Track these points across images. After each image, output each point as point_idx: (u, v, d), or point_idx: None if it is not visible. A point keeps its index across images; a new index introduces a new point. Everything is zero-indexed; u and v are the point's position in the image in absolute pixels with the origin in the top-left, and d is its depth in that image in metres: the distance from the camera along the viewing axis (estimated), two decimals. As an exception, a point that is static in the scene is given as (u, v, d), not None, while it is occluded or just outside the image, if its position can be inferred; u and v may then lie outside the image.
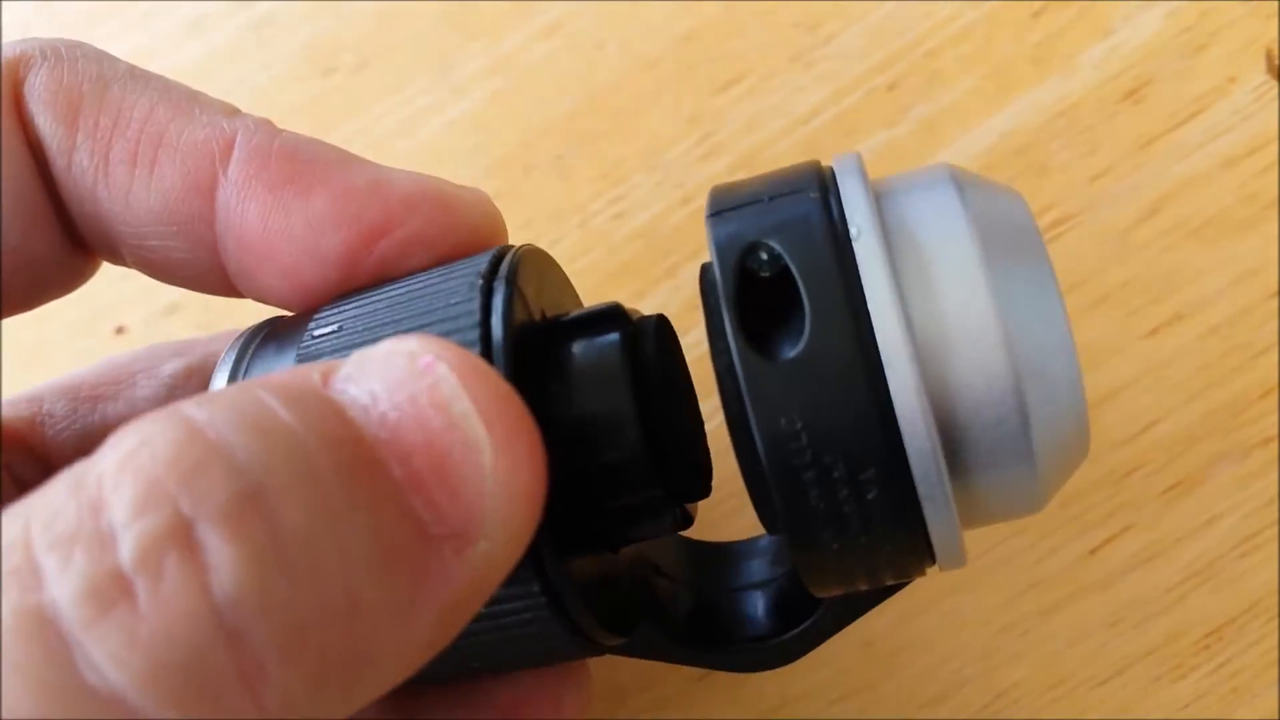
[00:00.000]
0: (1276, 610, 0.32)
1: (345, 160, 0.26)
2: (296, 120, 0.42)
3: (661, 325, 0.25)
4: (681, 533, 0.26)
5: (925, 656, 0.33)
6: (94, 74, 0.26)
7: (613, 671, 0.34)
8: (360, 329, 0.23)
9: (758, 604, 0.28)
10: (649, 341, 0.24)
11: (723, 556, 0.29)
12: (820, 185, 0.22)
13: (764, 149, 0.38)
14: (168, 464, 0.15)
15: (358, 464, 0.16)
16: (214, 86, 0.42)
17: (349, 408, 0.17)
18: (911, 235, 0.21)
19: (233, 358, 0.25)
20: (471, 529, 0.17)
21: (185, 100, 0.26)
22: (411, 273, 0.25)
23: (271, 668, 0.15)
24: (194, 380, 0.30)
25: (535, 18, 0.41)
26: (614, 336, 0.24)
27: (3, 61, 0.25)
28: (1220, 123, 0.36)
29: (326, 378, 0.17)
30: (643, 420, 0.23)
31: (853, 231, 0.21)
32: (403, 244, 0.25)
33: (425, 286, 0.24)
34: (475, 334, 0.22)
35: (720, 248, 0.21)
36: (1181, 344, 0.34)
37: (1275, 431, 0.33)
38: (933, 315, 0.20)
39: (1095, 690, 0.32)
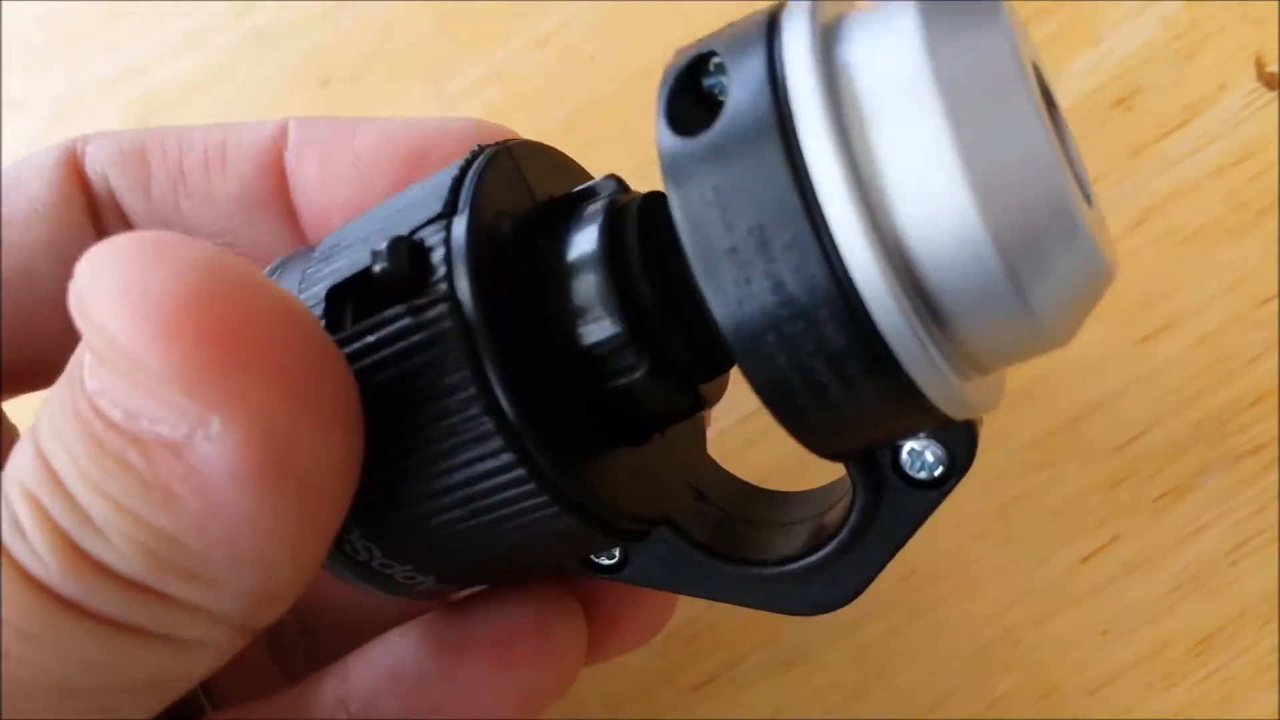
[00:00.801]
0: (1267, 618, 0.32)
1: (381, 119, 0.28)
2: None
3: (649, 204, 0.23)
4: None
5: (917, 666, 0.33)
6: (149, 131, 0.29)
7: (607, 683, 0.34)
8: (345, 243, 0.23)
9: (797, 535, 0.25)
10: (631, 221, 0.23)
11: (773, 498, 0.27)
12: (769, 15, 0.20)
13: (756, 159, 0.38)
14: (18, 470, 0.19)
15: (92, 429, 0.18)
16: (210, 98, 0.43)
17: (84, 368, 0.18)
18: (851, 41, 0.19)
19: None
20: (187, 419, 0.17)
21: (236, 124, 0.29)
22: None
23: (174, 592, 0.19)
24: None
25: (529, 29, 0.41)
26: (592, 228, 0.22)
27: (62, 145, 0.29)
28: (1210, 130, 0.36)
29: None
30: (624, 301, 0.21)
31: (821, 200, 0.18)
32: (441, 163, 0.25)
33: (416, 187, 0.23)
34: (440, 228, 0.21)
35: (669, 65, 0.21)
36: (1171, 352, 0.34)
37: (1265, 440, 0.33)
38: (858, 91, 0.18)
39: (1087, 699, 0.32)
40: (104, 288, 0.17)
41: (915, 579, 0.34)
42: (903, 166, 0.17)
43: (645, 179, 0.38)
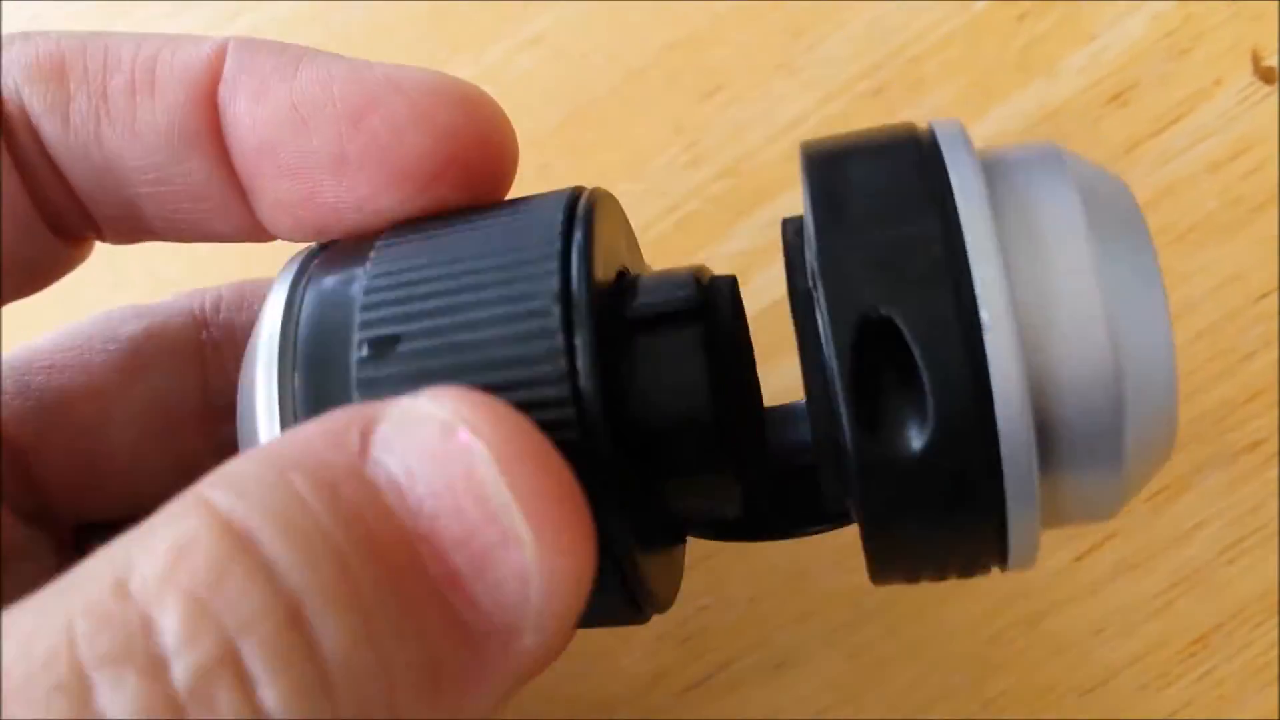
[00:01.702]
0: (1263, 617, 0.32)
1: (331, 54, 0.25)
2: (284, 133, 0.42)
3: (734, 289, 0.23)
4: None
5: (911, 666, 0.33)
6: (70, 37, 0.25)
7: (597, 685, 0.34)
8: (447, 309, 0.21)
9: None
10: (726, 307, 0.23)
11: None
12: (937, 206, 0.19)
13: (749, 157, 0.38)
14: (210, 584, 0.14)
15: (397, 568, 0.15)
16: (202, 101, 0.43)
17: (386, 492, 0.16)
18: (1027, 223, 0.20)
19: (286, 287, 0.23)
20: (517, 626, 0.16)
21: (172, 36, 0.26)
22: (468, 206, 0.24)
23: None
24: (154, 341, 0.29)
25: (520, 28, 0.41)
26: (694, 327, 0.22)
27: None
28: (1205, 126, 0.36)
29: (365, 441, 0.16)
30: (716, 401, 0.21)
31: (984, 319, 0.18)
32: (389, 122, 0.24)
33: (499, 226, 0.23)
34: (556, 316, 0.20)
35: (835, 320, 0.19)
36: (1166, 349, 0.34)
37: (1261, 436, 0.33)
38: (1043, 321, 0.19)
39: (1082, 699, 0.32)
40: (521, 449, 0.16)
41: (908, 579, 0.33)
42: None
43: (638, 177, 0.39)
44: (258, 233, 0.27)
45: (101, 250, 0.29)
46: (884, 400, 0.19)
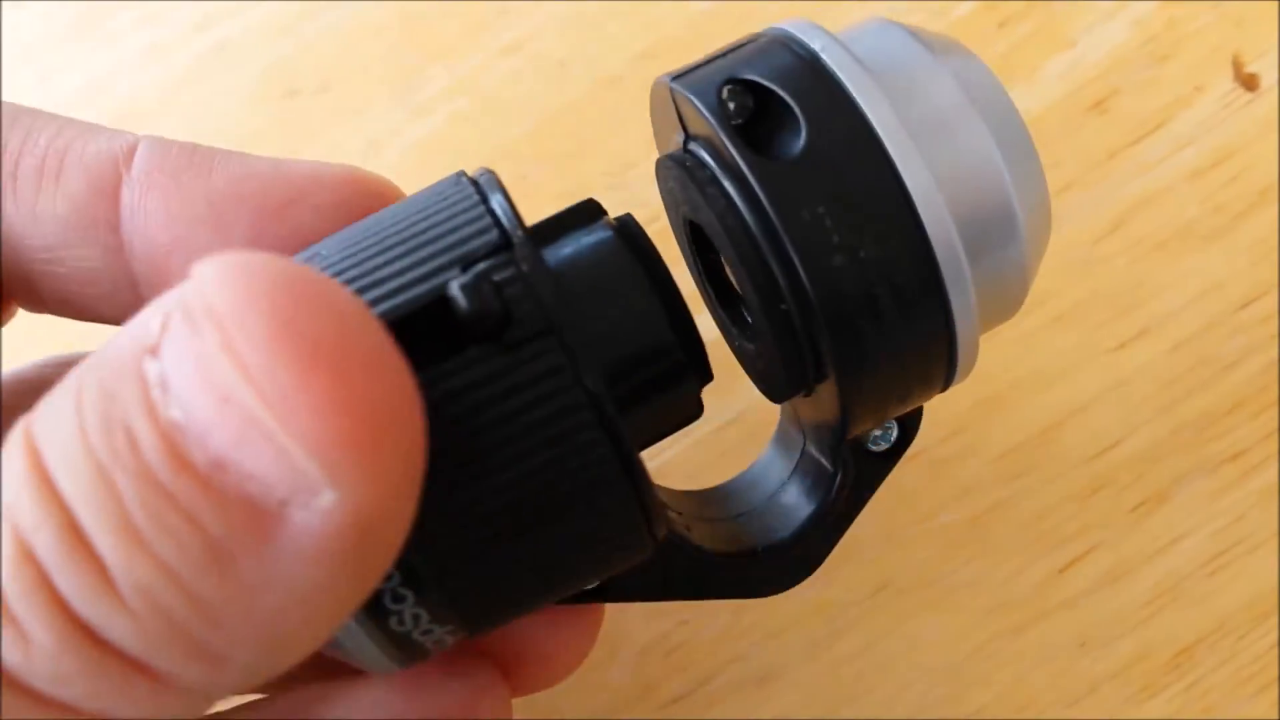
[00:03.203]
0: (1247, 628, 0.32)
1: (244, 154, 0.26)
2: (259, 143, 0.41)
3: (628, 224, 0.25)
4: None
5: (892, 681, 0.33)
6: (6, 107, 0.26)
7: (580, 700, 0.34)
8: (367, 269, 0.21)
9: (755, 524, 0.27)
10: (636, 226, 0.24)
11: (707, 497, 0.29)
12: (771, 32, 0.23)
13: (728, 166, 0.38)
14: (12, 500, 0.16)
15: (154, 466, 0.16)
16: (176, 109, 0.42)
17: (152, 388, 0.16)
18: (875, 55, 0.22)
19: None
20: (299, 483, 0.16)
21: (92, 126, 0.26)
22: None
23: (177, 673, 0.16)
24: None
25: (497, 37, 0.41)
26: (607, 233, 0.24)
27: None
28: (1186, 133, 0.36)
29: (159, 338, 0.16)
30: (658, 293, 0.23)
31: (816, 47, 0.22)
32: (313, 213, 0.25)
33: (405, 207, 0.22)
34: (493, 234, 0.20)
35: (697, 89, 0.22)
36: (1147, 359, 0.34)
37: (1243, 446, 0.33)
38: (911, 110, 0.22)
39: (1065, 711, 0.32)
40: (256, 314, 0.16)
41: (889, 592, 0.33)
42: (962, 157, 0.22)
43: (615, 186, 0.38)
44: None
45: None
46: (760, 130, 0.22)
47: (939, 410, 0.34)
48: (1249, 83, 0.36)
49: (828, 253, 0.21)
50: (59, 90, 0.43)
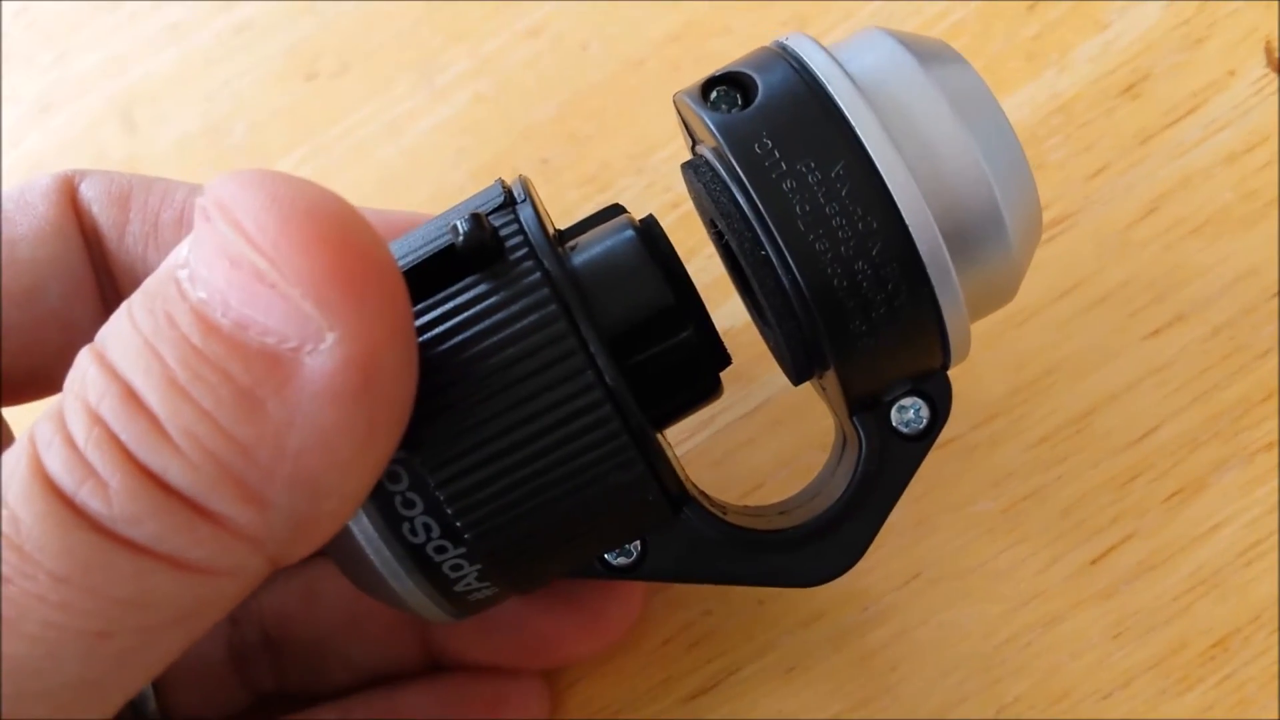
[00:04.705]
0: (1283, 618, 0.31)
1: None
2: (279, 125, 0.41)
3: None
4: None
5: (925, 671, 0.32)
6: (139, 177, 0.30)
7: (604, 691, 0.33)
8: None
9: (796, 516, 0.27)
10: (656, 227, 0.26)
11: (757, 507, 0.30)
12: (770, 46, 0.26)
13: (754, 150, 0.37)
14: (79, 380, 0.20)
15: (189, 334, 0.19)
16: (195, 91, 0.42)
17: (180, 282, 0.20)
18: (866, 68, 0.24)
19: None
20: (302, 338, 0.19)
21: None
22: None
23: (229, 514, 0.19)
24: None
25: (519, 19, 0.40)
26: (629, 231, 0.26)
27: (61, 174, 0.30)
28: (1220, 117, 0.35)
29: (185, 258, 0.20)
30: (668, 277, 0.25)
31: (808, 59, 0.24)
32: None
33: (444, 215, 0.26)
34: (500, 198, 0.24)
35: (690, 92, 0.25)
36: (1183, 345, 0.33)
37: (1278, 435, 0.32)
38: (896, 119, 0.23)
39: (1100, 704, 0.31)
40: (252, 196, 0.19)
41: (921, 581, 0.33)
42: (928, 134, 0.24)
43: (639, 170, 0.38)
44: None
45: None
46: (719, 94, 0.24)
47: (972, 396, 0.33)
48: (1281, 67, 0.36)
49: (813, 238, 0.23)
50: (76, 71, 0.43)
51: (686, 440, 0.35)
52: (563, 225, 0.28)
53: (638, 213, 0.27)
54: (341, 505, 0.21)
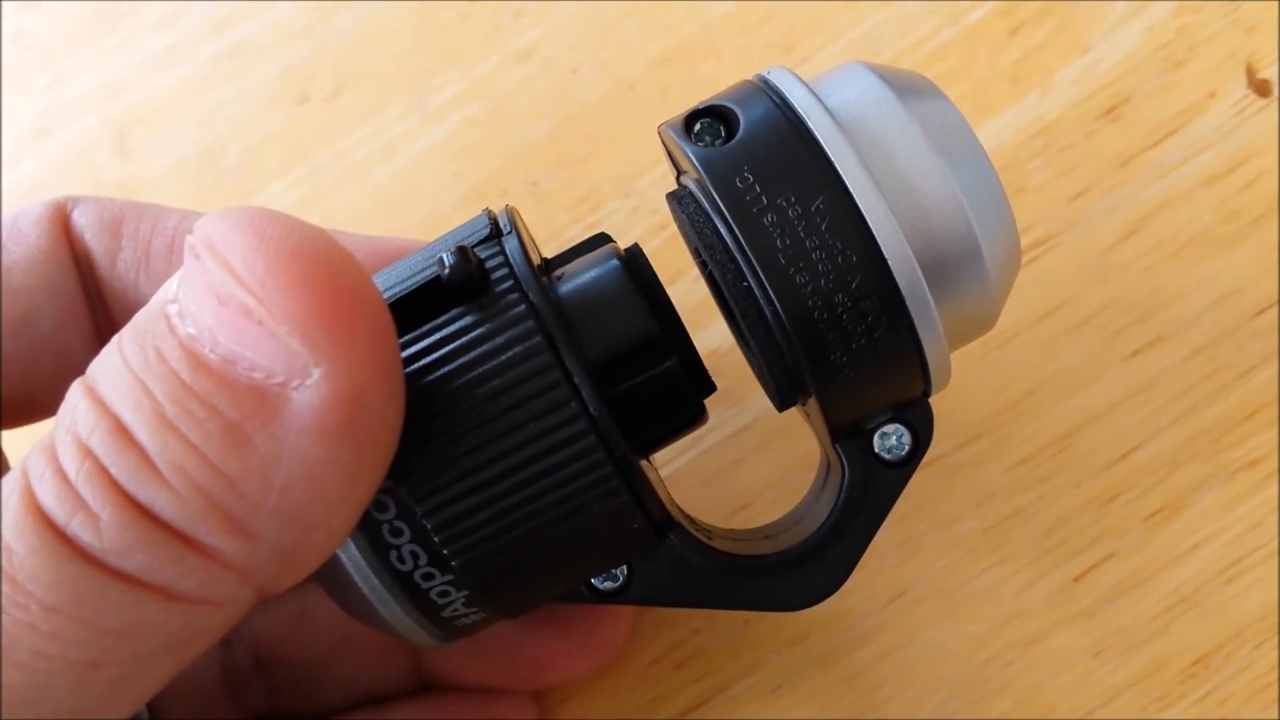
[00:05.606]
0: (1264, 636, 0.32)
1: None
2: (273, 148, 0.41)
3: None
4: None
5: (910, 690, 0.33)
6: (131, 204, 0.30)
7: (593, 710, 0.34)
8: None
9: (781, 541, 0.28)
10: (641, 257, 0.27)
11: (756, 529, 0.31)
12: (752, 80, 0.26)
13: (741, 172, 0.38)
14: (70, 416, 0.20)
15: (178, 370, 0.20)
16: (189, 114, 0.42)
17: (169, 317, 0.20)
18: (850, 111, 0.25)
19: None
20: (288, 373, 0.19)
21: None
22: None
23: (218, 546, 0.20)
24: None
25: (510, 42, 0.41)
26: (614, 261, 0.26)
27: (53, 201, 0.30)
28: (1200, 139, 0.36)
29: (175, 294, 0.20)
30: (651, 308, 0.25)
31: (788, 94, 0.25)
32: None
33: (428, 247, 0.26)
34: (485, 230, 0.25)
35: (673, 124, 0.25)
36: (1164, 366, 0.34)
37: (1261, 454, 0.33)
38: (876, 156, 0.24)
39: (1082, 721, 0.32)
40: (240, 235, 0.20)
41: (905, 600, 0.33)
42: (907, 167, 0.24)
43: (627, 194, 0.38)
44: None
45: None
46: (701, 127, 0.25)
47: (955, 417, 0.34)
48: (1262, 89, 0.36)
49: (794, 271, 0.23)
50: (73, 93, 0.43)
51: (674, 460, 0.35)
52: (552, 247, 0.28)
53: (626, 235, 0.28)
54: (328, 537, 0.21)
